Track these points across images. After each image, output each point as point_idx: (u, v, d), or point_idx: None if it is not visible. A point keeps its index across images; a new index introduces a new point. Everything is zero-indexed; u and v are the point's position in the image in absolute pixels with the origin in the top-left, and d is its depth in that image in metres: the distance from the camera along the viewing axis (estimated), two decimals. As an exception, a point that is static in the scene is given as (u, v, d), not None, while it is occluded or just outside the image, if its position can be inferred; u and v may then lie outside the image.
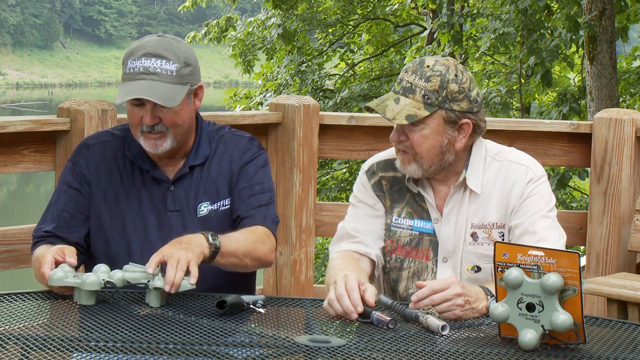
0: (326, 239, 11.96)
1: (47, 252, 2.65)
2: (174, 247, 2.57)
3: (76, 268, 2.68)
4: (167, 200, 2.87)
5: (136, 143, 2.87)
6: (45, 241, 2.85)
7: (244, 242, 2.79)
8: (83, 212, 2.88)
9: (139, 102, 2.77)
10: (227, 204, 2.91)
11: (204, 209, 2.88)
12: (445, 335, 2.40)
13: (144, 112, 2.78)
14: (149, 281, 2.53)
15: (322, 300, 2.60)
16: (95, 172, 2.89)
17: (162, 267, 2.55)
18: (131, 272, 2.57)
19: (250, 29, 14.49)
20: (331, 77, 14.66)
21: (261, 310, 2.56)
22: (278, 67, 14.29)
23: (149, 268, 2.53)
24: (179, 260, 2.52)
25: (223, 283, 2.85)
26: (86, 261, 2.91)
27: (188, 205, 2.87)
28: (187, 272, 2.53)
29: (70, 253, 2.64)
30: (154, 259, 2.54)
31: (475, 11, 12.18)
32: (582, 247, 5.67)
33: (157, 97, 2.72)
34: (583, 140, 4.50)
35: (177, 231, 2.81)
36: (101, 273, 2.57)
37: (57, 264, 2.61)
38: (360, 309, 2.49)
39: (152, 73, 2.74)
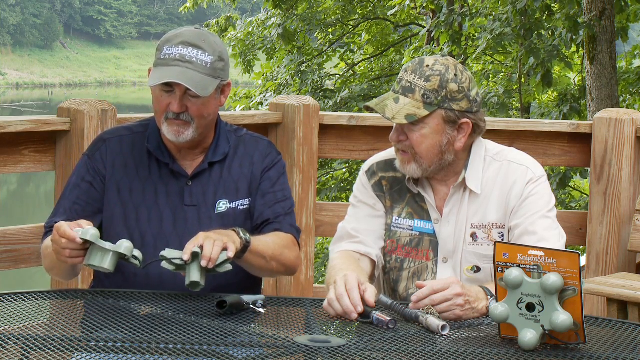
0: (326, 239, 11.97)
1: (60, 224, 2.61)
2: (209, 233, 2.61)
3: None
4: (184, 195, 2.87)
5: (156, 137, 2.88)
6: None
7: (273, 245, 2.82)
8: (95, 206, 2.87)
9: (169, 89, 2.78)
10: (245, 204, 2.91)
11: (223, 206, 2.89)
12: (445, 335, 2.40)
13: (172, 98, 2.78)
14: (185, 262, 2.55)
15: (322, 300, 2.60)
16: (110, 165, 2.89)
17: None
18: (169, 252, 2.59)
19: (250, 29, 14.49)
20: (331, 77, 14.66)
21: (261, 310, 2.56)
22: (278, 67, 14.29)
23: (185, 255, 2.55)
24: (216, 240, 2.57)
25: (226, 283, 2.84)
26: None
27: (205, 201, 2.88)
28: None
29: (86, 223, 2.62)
30: (189, 245, 2.57)
31: (474, 11, 12.18)
32: (582, 247, 5.67)
33: (191, 84, 2.74)
34: (583, 140, 4.50)
35: (192, 226, 2.82)
36: (125, 248, 2.58)
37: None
38: (360, 309, 2.49)
39: (187, 61, 2.76)
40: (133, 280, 2.81)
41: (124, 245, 2.57)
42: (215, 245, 2.56)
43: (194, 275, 2.55)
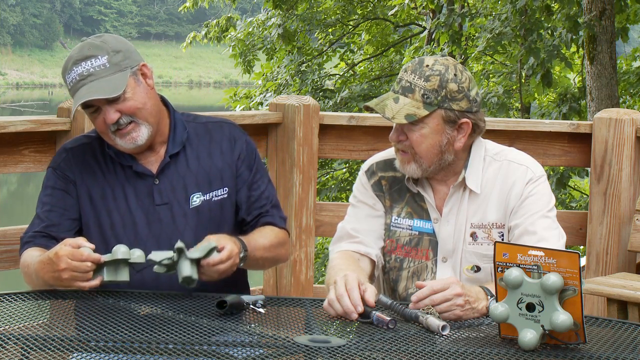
0: (326, 239, 11.96)
1: (60, 248, 2.56)
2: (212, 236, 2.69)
3: None
4: (153, 195, 2.84)
5: None
6: (35, 242, 2.81)
7: (269, 246, 2.89)
8: (71, 211, 2.84)
9: (93, 108, 2.76)
10: (220, 194, 2.89)
11: (197, 199, 2.86)
12: (445, 335, 2.40)
13: (103, 113, 2.76)
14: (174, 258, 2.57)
15: (322, 300, 2.60)
16: (78, 172, 2.86)
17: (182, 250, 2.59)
18: (155, 254, 2.59)
19: (250, 29, 14.49)
20: (331, 77, 14.65)
21: (261, 310, 2.56)
22: (278, 67, 14.28)
23: (196, 253, 2.60)
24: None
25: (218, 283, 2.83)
26: None
27: (176, 197, 2.85)
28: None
29: (83, 240, 2.59)
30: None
31: (474, 11, 12.18)
32: (582, 247, 5.67)
33: (100, 93, 2.71)
34: (583, 140, 4.50)
35: (167, 225, 2.80)
36: (122, 253, 2.57)
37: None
38: (360, 309, 2.49)
39: (87, 75, 2.73)
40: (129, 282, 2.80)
41: (120, 250, 2.56)
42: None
43: (185, 270, 2.56)
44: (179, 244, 2.56)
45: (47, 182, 2.90)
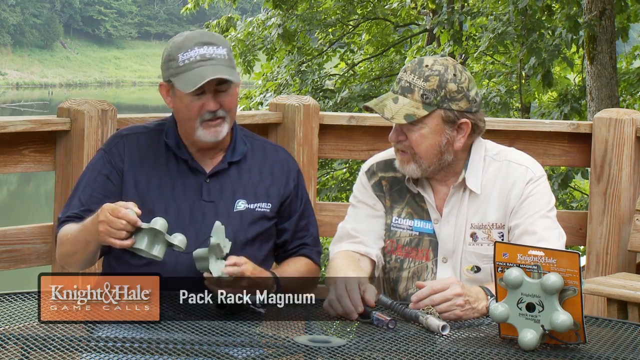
0: (326, 239, 11.94)
1: (117, 207, 2.62)
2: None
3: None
4: (202, 190, 2.90)
5: (174, 134, 2.91)
6: (72, 221, 2.85)
7: (298, 285, 2.89)
8: (111, 198, 2.86)
9: (199, 91, 2.81)
10: (263, 207, 2.95)
11: (242, 205, 2.92)
12: (445, 335, 2.40)
13: (205, 99, 2.82)
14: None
15: (322, 300, 2.60)
16: (128, 160, 2.91)
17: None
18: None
19: (250, 29, 14.49)
20: (331, 77, 14.65)
21: (261, 310, 2.56)
22: (278, 67, 14.28)
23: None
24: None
25: None
26: (107, 251, 2.90)
27: (223, 198, 2.91)
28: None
29: (132, 204, 2.64)
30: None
31: (475, 10, 12.17)
32: (582, 247, 5.67)
33: (229, 76, 2.79)
34: (583, 140, 4.50)
35: (209, 220, 2.83)
36: (160, 225, 2.61)
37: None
38: (361, 309, 2.49)
39: (209, 59, 2.81)
40: (145, 271, 2.81)
41: (159, 222, 2.60)
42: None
43: (215, 271, 2.63)
44: (214, 238, 2.64)
45: (94, 164, 2.95)
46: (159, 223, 2.60)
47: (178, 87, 2.81)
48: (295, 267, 2.99)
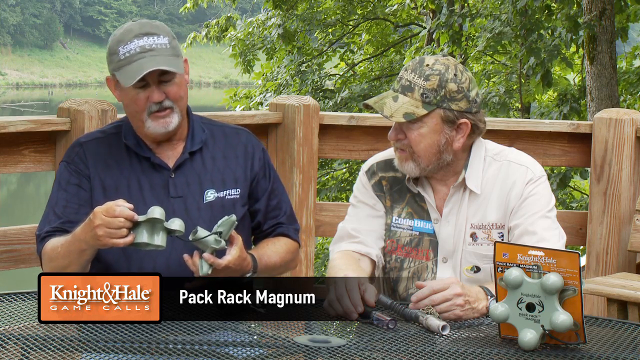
0: (326, 239, 11.96)
1: (110, 207, 2.61)
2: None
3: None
4: (169, 187, 2.88)
5: (132, 134, 2.89)
6: (54, 236, 2.82)
7: (279, 261, 2.94)
8: (86, 206, 2.85)
9: (142, 84, 2.79)
10: (233, 194, 2.93)
11: (211, 195, 2.91)
12: (445, 335, 2.40)
13: (149, 91, 2.80)
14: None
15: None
16: (92, 166, 2.88)
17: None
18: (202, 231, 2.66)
19: (250, 29, 14.49)
20: (331, 77, 14.65)
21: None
22: (278, 67, 14.28)
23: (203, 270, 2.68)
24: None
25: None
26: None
27: (191, 191, 2.89)
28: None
29: (122, 201, 2.63)
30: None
31: (474, 11, 12.17)
32: (582, 247, 5.67)
33: (168, 66, 2.76)
34: (583, 140, 4.50)
35: (180, 217, 2.82)
36: (158, 214, 2.60)
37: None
38: (360, 309, 2.49)
39: (149, 50, 2.78)
40: (116, 268, 2.82)
41: (156, 211, 2.59)
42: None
43: (205, 267, 2.65)
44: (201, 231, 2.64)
45: (60, 176, 2.92)
46: (157, 211, 2.59)
47: (120, 81, 2.80)
48: (275, 247, 2.97)
